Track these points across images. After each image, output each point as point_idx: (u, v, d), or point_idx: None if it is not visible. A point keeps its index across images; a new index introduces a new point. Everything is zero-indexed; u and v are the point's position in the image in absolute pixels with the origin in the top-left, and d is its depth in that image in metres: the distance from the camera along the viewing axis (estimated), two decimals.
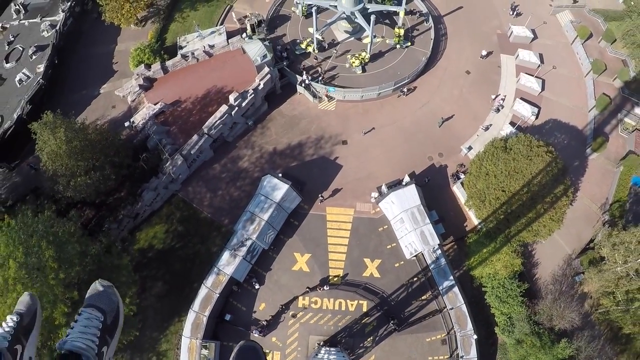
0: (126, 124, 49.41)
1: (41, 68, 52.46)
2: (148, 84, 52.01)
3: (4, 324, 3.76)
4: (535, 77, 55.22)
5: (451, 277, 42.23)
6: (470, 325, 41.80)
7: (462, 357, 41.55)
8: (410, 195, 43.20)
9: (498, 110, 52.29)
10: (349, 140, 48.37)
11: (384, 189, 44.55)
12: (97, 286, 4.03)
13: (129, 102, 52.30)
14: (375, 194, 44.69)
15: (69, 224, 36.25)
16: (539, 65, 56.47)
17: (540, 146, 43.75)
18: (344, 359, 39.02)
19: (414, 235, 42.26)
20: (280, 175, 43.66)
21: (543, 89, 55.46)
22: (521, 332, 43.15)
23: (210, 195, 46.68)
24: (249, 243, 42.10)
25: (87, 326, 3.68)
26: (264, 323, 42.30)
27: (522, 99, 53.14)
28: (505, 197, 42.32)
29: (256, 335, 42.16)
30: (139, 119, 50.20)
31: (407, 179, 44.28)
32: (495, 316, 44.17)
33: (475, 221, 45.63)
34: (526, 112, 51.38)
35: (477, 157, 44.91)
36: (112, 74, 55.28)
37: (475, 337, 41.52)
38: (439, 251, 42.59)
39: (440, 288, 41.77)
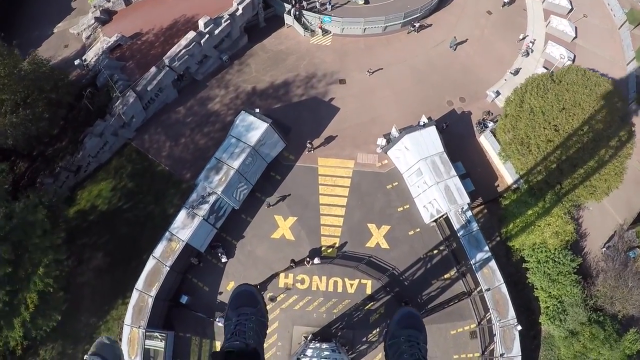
0: (76, 62, 34.86)
1: None
2: (106, 17, 37.47)
3: None
4: (569, 20, 40.24)
5: (486, 248, 27.34)
6: (512, 312, 27.02)
7: (502, 354, 26.15)
8: (430, 138, 28.21)
9: (527, 53, 37.62)
10: (348, 80, 33.51)
11: (393, 133, 29.47)
12: (103, 340, 3.89)
13: (83, 39, 37.47)
14: (381, 141, 29.66)
15: None
16: (569, 10, 41.63)
17: (600, 77, 28.65)
18: (340, 357, 23.47)
19: (435, 191, 27.23)
20: (258, 112, 28.26)
21: (576, 35, 40.38)
22: (575, 320, 28.90)
23: (170, 144, 31.71)
24: (212, 199, 27.02)
25: None
26: None
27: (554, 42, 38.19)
28: (559, 139, 27.36)
29: (220, 324, 26.71)
30: (91, 55, 35.52)
31: (424, 119, 28.93)
32: (539, 300, 29.41)
33: (511, 178, 30.73)
34: (561, 56, 36.24)
35: (515, 93, 30.03)
36: (69, 11, 40.75)
37: (519, 327, 26.36)
38: (470, 213, 27.33)
39: (473, 262, 26.50)
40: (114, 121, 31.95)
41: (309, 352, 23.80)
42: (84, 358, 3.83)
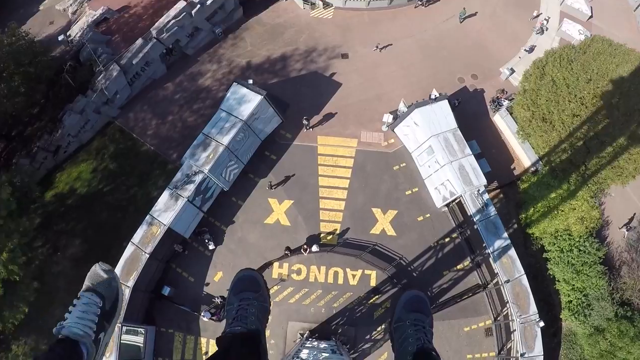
0: (60, 37, 31.55)
1: None
2: None
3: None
4: None
5: (505, 234, 23.87)
6: (534, 307, 23.41)
7: (522, 354, 22.61)
8: (442, 113, 24.90)
9: (542, 31, 34.15)
10: (351, 54, 30.24)
11: (401, 108, 26.12)
12: (96, 270, 3.23)
13: (69, 15, 34.30)
14: (388, 118, 26.34)
15: None
16: None
17: (628, 48, 25.35)
18: (341, 358, 19.97)
19: (449, 171, 23.90)
20: (251, 83, 24.93)
21: (592, 15, 37.00)
22: (601, 316, 25.44)
23: (157, 122, 28.52)
24: (198, 179, 23.66)
25: (85, 311, 2.99)
26: (220, 301, 23.50)
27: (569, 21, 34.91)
28: (586, 112, 23.77)
29: (206, 319, 23.35)
30: (76, 30, 32.21)
31: (435, 93, 25.56)
32: (559, 294, 25.67)
33: (528, 160, 27.39)
34: (580, 32, 32.90)
35: (535, 65, 26.67)
36: None
37: (541, 323, 22.83)
38: (486, 195, 23.88)
39: (490, 251, 22.98)
40: (96, 97, 28.73)
41: (304, 352, 20.27)
42: (77, 295, 3.07)
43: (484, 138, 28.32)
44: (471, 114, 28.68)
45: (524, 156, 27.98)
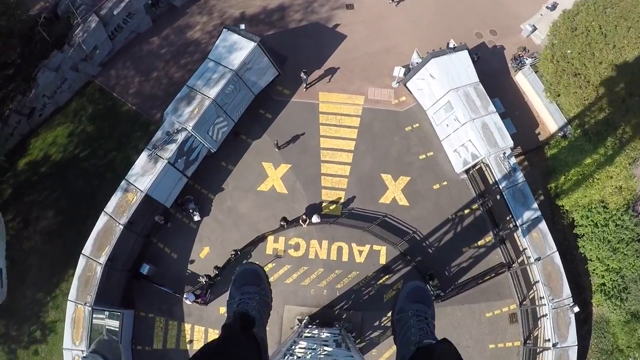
0: None
1: None
2: None
3: None
4: None
5: (535, 205, 20.12)
6: (567, 289, 19.86)
7: (554, 344, 19.07)
8: (462, 65, 21.22)
9: None
10: (357, 5, 26.46)
11: (414, 59, 22.39)
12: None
13: None
14: (399, 71, 22.45)
15: None
16: None
17: None
18: (344, 349, 16.19)
19: (470, 130, 20.25)
20: (243, 28, 20.97)
21: None
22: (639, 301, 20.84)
23: (140, 79, 24.78)
24: (181, 137, 19.74)
25: None
26: (205, 281, 19.76)
27: None
28: (626, 65, 20.05)
29: (189, 302, 19.62)
30: None
31: (453, 43, 21.78)
32: (591, 275, 22.38)
33: (555, 124, 23.74)
34: None
35: (565, 15, 23.02)
36: None
37: (576, 309, 19.22)
38: (513, 159, 20.20)
39: (519, 223, 19.33)
40: (73, 52, 24.72)
41: (301, 345, 16.42)
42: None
43: (506, 99, 24.62)
44: (491, 73, 24.89)
45: (549, 120, 24.36)
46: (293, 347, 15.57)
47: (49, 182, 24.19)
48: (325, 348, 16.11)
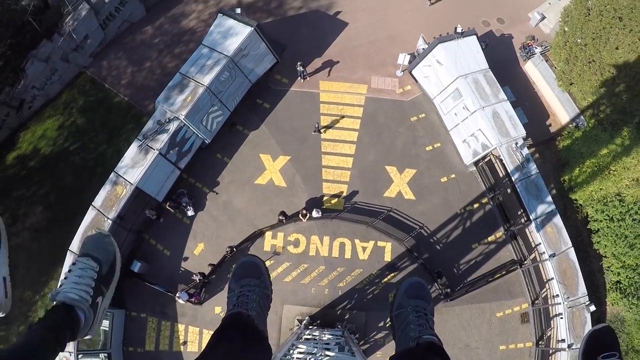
0: None
1: None
2: None
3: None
4: None
5: (549, 198, 18.36)
6: (583, 287, 18.04)
7: (569, 345, 17.35)
8: (470, 51, 19.50)
9: None
10: None
11: (420, 45, 20.71)
12: (92, 235, 2.95)
13: None
14: (404, 58, 20.72)
15: None
16: None
17: None
18: (348, 354, 14.38)
19: (480, 118, 18.51)
20: (239, 12, 19.26)
21: None
22: None
23: (132, 69, 23.09)
24: (173, 127, 18.00)
25: (81, 276, 2.73)
26: (199, 279, 18.04)
27: None
28: None
29: (182, 301, 17.88)
30: None
31: (460, 28, 20.06)
32: (606, 272, 20.81)
33: (567, 115, 22.20)
34: None
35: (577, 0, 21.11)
36: None
37: (592, 307, 17.48)
38: (526, 150, 18.46)
39: (533, 217, 17.63)
40: (64, 42, 23.01)
41: (301, 348, 14.69)
42: (72, 262, 2.75)
43: (515, 89, 22.87)
44: (499, 61, 23.08)
45: (561, 110, 22.61)
46: (291, 351, 13.84)
47: (38, 177, 22.53)
48: (327, 353, 14.37)
